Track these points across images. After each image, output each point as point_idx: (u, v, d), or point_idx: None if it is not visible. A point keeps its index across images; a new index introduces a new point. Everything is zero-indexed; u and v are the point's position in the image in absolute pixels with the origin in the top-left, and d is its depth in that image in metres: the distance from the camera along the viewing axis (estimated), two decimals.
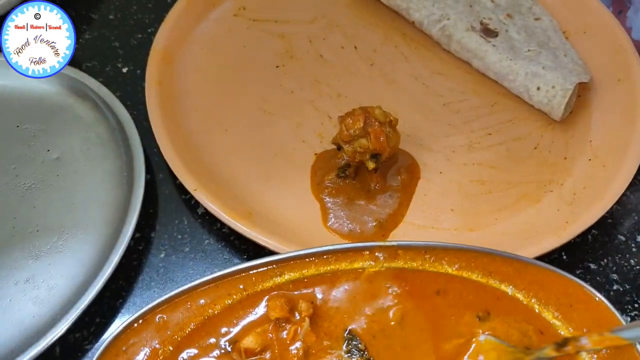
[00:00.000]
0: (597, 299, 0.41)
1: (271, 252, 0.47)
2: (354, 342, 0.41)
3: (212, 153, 0.55)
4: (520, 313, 0.42)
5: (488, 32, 0.62)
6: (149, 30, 0.67)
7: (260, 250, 0.49)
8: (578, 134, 0.57)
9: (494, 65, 0.60)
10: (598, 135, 0.56)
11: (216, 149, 0.56)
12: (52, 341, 0.44)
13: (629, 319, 0.47)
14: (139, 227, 0.51)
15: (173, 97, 0.58)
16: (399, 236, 0.50)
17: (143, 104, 0.57)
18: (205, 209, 0.52)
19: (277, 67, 0.63)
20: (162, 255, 0.51)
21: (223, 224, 0.51)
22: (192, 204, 0.54)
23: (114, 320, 0.47)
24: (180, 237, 0.52)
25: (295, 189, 0.54)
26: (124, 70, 0.64)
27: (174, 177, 0.54)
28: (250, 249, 0.51)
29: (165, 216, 0.53)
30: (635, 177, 0.51)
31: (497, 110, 0.59)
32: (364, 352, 0.40)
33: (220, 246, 0.51)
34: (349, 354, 0.40)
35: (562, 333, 0.41)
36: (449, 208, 0.52)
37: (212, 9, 0.66)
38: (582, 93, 0.58)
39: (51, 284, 0.48)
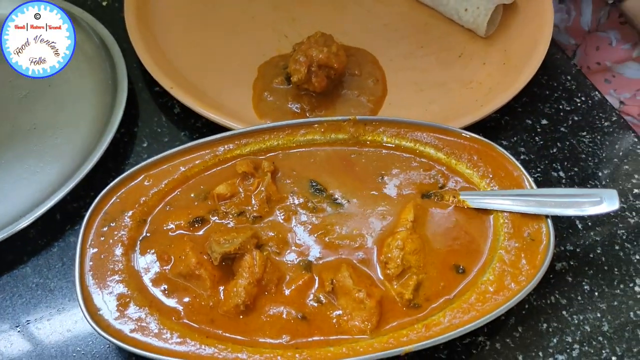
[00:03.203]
0: (498, 151, 0.52)
1: None
2: (315, 186, 0.51)
3: (184, 64, 0.64)
4: (440, 166, 0.53)
5: None
6: None
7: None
8: (495, 43, 0.67)
9: None
10: (512, 45, 0.66)
11: (188, 60, 0.65)
12: (52, 206, 0.52)
13: (532, 178, 0.57)
14: (123, 124, 0.59)
15: (148, 20, 0.67)
16: None
17: (122, 30, 0.65)
18: (180, 108, 0.61)
19: None
20: (145, 145, 0.60)
21: (196, 120, 0.60)
22: (168, 106, 0.62)
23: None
24: (159, 130, 0.61)
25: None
26: (104, 3, 0.72)
27: (151, 86, 0.63)
28: None
29: (146, 115, 0.62)
30: (538, 76, 0.62)
31: (429, 29, 0.69)
32: (324, 191, 0.51)
33: (194, 137, 0.60)
34: (314, 192, 0.51)
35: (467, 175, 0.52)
36: (388, 102, 0.62)
37: None
38: (504, 13, 0.69)
39: (50, 167, 0.56)
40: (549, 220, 0.48)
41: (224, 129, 0.57)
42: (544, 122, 0.62)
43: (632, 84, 0.76)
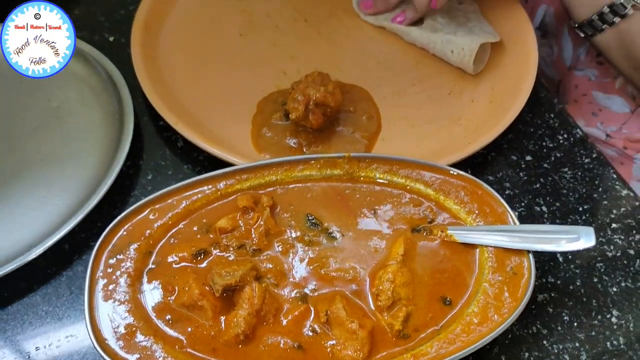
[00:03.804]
0: (484, 188, 0.55)
1: None
2: (311, 220, 0.54)
3: (187, 100, 0.67)
4: (429, 202, 0.56)
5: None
6: (130, 8, 0.78)
7: None
8: (483, 81, 0.71)
9: (418, 38, 0.74)
10: (499, 83, 0.70)
11: (191, 96, 0.68)
12: (61, 237, 0.55)
13: (516, 213, 0.60)
14: (129, 157, 0.62)
15: (154, 57, 0.70)
16: None
17: (128, 65, 0.68)
18: (183, 142, 0.64)
19: (240, 35, 0.75)
20: (149, 177, 0.63)
21: (199, 153, 0.63)
22: (172, 139, 0.65)
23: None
24: (163, 163, 0.64)
25: None
26: (110, 39, 0.75)
27: (155, 120, 0.66)
28: None
29: (151, 149, 0.65)
30: (523, 113, 0.65)
31: (420, 67, 0.73)
32: (319, 225, 0.54)
33: (196, 170, 0.63)
34: (310, 226, 0.54)
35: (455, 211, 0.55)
36: (381, 138, 0.66)
37: None
38: (492, 54, 0.73)
39: (59, 199, 0.59)
40: (531, 255, 0.51)
41: (225, 162, 0.60)
42: (528, 158, 0.65)
43: (617, 118, 0.80)
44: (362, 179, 0.57)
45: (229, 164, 0.60)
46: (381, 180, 0.57)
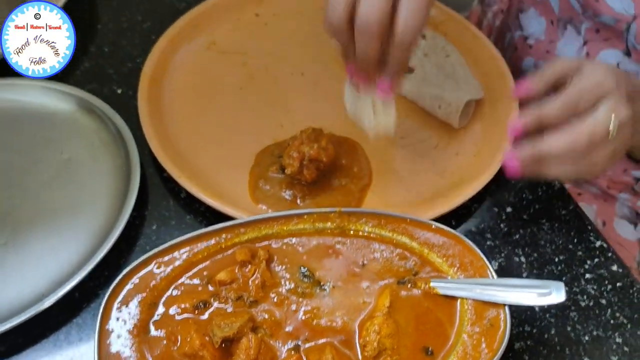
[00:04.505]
0: (464, 243, 0.59)
1: None
2: (304, 272, 0.58)
3: (190, 151, 0.72)
4: (414, 255, 0.60)
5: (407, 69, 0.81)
6: (137, 60, 0.83)
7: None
8: (468, 136, 0.76)
9: (408, 92, 0.79)
10: (483, 138, 0.75)
11: (193, 148, 0.73)
12: (72, 287, 0.59)
13: (497, 263, 0.65)
14: (135, 208, 0.66)
15: (159, 110, 0.75)
16: None
17: (135, 117, 0.73)
18: (186, 193, 0.69)
19: (240, 88, 0.80)
20: (154, 228, 0.67)
21: (201, 204, 0.68)
22: (175, 191, 0.70)
23: (119, 273, 0.62)
24: (167, 214, 0.68)
25: None
26: (119, 91, 0.80)
27: (160, 172, 0.71)
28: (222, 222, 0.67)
29: (155, 200, 0.69)
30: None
31: (409, 120, 0.78)
32: (311, 277, 0.58)
33: (198, 221, 0.68)
34: (302, 279, 0.58)
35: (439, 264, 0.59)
36: (372, 191, 0.70)
37: (189, 43, 0.84)
38: (476, 107, 0.78)
39: (70, 248, 0.64)
40: (507, 308, 0.55)
41: (225, 214, 0.64)
42: (509, 210, 0.70)
43: None
44: (352, 232, 0.61)
45: (229, 216, 0.64)
46: (370, 234, 0.61)
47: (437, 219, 0.62)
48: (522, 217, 0.69)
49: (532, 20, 0.87)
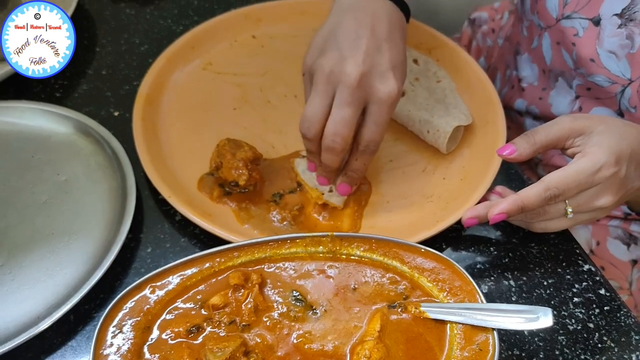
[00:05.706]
0: (454, 267, 0.60)
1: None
2: (296, 296, 0.59)
3: (184, 172, 0.73)
4: (404, 279, 0.61)
5: None
6: (134, 83, 0.84)
7: (223, 244, 0.66)
8: (456, 160, 0.77)
9: (397, 115, 0.80)
10: (469, 162, 0.76)
11: (186, 169, 0.74)
12: (68, 310, 0.60)
13: (486, 286, 0.66)
14: (130, 230, 0.67)
15: (153, 131, 0.76)
16: None
17: (131, 139, 0.74)
18: (181, 216, 0.69)
19: (234, 109, 0.82)
20: (149, 250, 0.68)
21: (194, 227, 0.69)
22: (170, 213, 0.71)
23: (114, 296, 0.63)
24: (162, 236, 0.69)
25: None
26: (115, 114, 0.81)
27: (155, 194, 0.72)
28: (216, 245, 0.68)
29: (150, 222, 0.70)
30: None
31: (398, 144, 0.79)
32: (303, 301, 0.59)
33: (192, 243, 0.69)
34: (295, 302, 0.59)
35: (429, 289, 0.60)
36: (365, 214, 0.71)
37: (185, 65, 0.85)
38: (465, 132, 0.79)
39: (65, 271, 0.64)
40: (495, 332, 0.56)
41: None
42: (498, 233, 0.71)
43: None
44: (344, 256, 0.63)
45: (222, 238, 0.65)
46: (361, 257, 0.62)
47: (426, 243, 0.64)
48: (511, 241, 0.70)
49: (526, 65, 0.88)
